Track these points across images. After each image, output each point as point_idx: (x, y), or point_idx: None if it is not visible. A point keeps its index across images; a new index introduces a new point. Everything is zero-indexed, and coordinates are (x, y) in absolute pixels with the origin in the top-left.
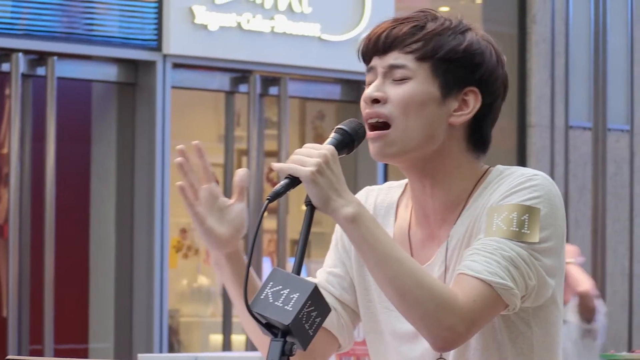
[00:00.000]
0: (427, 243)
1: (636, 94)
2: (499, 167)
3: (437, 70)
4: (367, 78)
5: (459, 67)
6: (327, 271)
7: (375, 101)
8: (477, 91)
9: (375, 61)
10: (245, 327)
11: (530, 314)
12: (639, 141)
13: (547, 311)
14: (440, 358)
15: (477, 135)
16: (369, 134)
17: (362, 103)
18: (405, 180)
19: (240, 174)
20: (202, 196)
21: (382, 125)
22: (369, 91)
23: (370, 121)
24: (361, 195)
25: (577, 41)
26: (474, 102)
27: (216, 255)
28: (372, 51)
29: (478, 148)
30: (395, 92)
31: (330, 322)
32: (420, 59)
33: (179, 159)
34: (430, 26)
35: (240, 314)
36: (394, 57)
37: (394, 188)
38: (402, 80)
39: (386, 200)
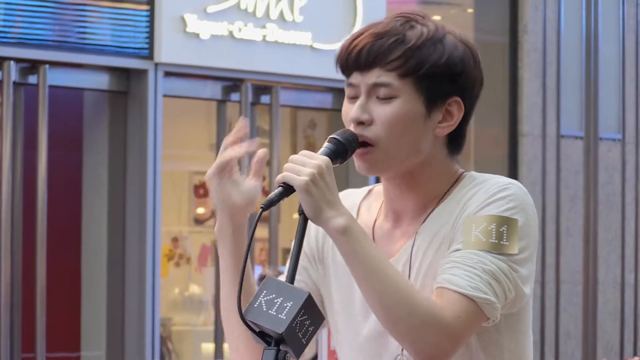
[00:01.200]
0: (393, 237)
1: (628, 103)
2: (473, 173)
3: (420, 85)
4: (348, 92)
5: (442, 80)
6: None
7: (360, 123)
8: (459, 100)
9: (357, 78)
10: (226, 331)
11: (502, 321)
12: (631, 150)
13: (519, 319)
14: (400, 354)
15: (457, 139)
16: (355, 152)
17: (345, 118)
18: (368, 187)
19: (260, 155)
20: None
21: (367, 143)
22: (354, 114)
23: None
24: None
25: (568, 50)
26: (457, 111)
27: (223, 222)
28: (352, 66)
29: (457, 149)
30: (380, 112)
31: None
32: (403, 76)
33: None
34: (410, 38)
35: (224, 315)
36: (377, 75)
37: (354, 193)
38: (387, 99)
39: (348, 205)
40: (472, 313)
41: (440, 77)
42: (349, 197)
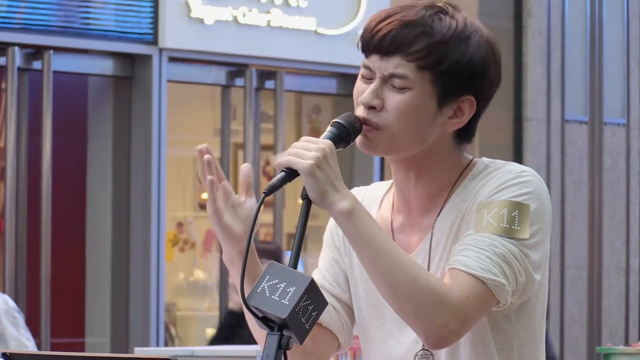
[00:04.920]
0: (408, 230)
1: (632, 87)
2: (484, 159)
3: (437, 81)
4: (363, 71)
5: (459, 78)
6: (322, 271)
7: (371, 108)
8: (472, 99)
9: (376, 62)
10: (249, 321)
11: (512, 310)
12: (635, 135)
13: (529, 307)
14: (423, 349)
15: (466, 133)
16: (364, 128)
17: (355, 96)
18: (391, 181)
19: (244, 170)
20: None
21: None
22: (366, 98)
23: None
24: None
25: (573, 35)
26: (469, 109)
27: (229, 253)
28: (373, 50)
29: (466, 140)
30: (392, 101)
31: (330, 321)
32: (421, 68)
33: (207, 155)
34: (437, 32)
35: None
36: (396, 64)
37: (379, 187)
38: (402, 89)
39: (372, 196)
40: (481, 295)
41: (458, 75)
42: (374, 190)
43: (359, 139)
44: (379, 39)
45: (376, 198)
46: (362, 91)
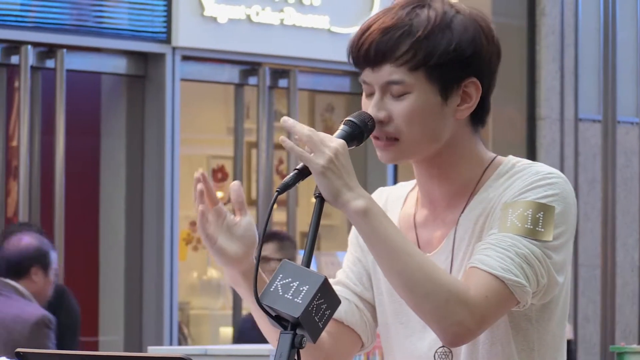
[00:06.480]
0: (432, 224)
1: None
2: (511, 158)
3: (432, 76)
4: (364, 88)
5: (454, 66)
6: (346, 270)
7: (380, 122)
8: (475, 80)
9: (369, 75)
10: (258, 322)
11: (534, 311)
12: None
13: (551, 308)
14: (442, 347)
15: (481, 113)
16: (377, 143)
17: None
18: (415, 180)
19: (234, 189)
20: (210, 218)
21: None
22: (372, 113)
23: (379, 140)
24: (375, 195)
25: (586, 33)
26: (475, 92)
27: (232, 274)
28: (362, 63)
29: (481, 123)
30: (397, 109)
31: (353, 320)
32: (413, 69)
33: (200, 186)
34: (417, 28)
35: (254, 311)
36: (388, 72)
37: (404, 186)
38: (401, 95)
39: (397, 194)
40: (500, 294)
41: (451, 63)
42: (399, 189)
43: (379, 153)
44: (364, 53)
45: (401, 196)
46: (368, 107)
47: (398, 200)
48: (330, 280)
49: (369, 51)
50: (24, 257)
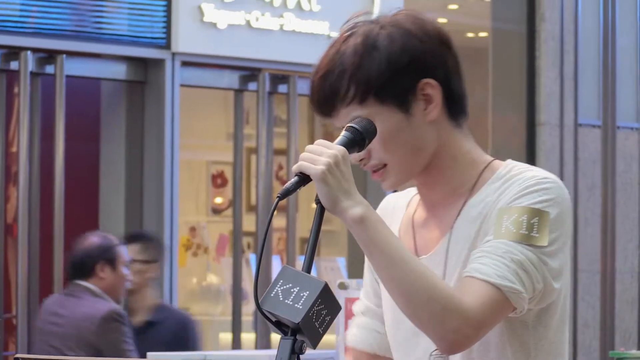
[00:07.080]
0: (430, 226)
1: None
2: (510, 162)
3: (382, 98)
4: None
5: (396, 80)
6: (368, 291)
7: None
8: (428, 80)
9: (334, 122)
10: None
11: (531, 317)
12: None
13: (549, 314)
14: (435, 351)
15: (453, 102)
16: (373, 176)
17: None
18: None
19: None
20: None
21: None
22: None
23: (373, 173)
24: (384, 202)
25: (586, 39)
26: (433, 90)
27: None
28: (322, 115)
29: (460, 113)
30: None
31: (384, 347)
32: (362, 101)
33: None
34: (347, 62)
35: None
36: (344, 115)
37: (411, 191)
38: None
39: (404, 199)
40: (497, 301)
41: (393, 79)
42: (405, 195)
43: (381, 185)
44: (316, 106)
45: (406, 201)
46: None
47: (403, 205)
48: (355, 310)
49: (319, 105)
50: (86, 255)
